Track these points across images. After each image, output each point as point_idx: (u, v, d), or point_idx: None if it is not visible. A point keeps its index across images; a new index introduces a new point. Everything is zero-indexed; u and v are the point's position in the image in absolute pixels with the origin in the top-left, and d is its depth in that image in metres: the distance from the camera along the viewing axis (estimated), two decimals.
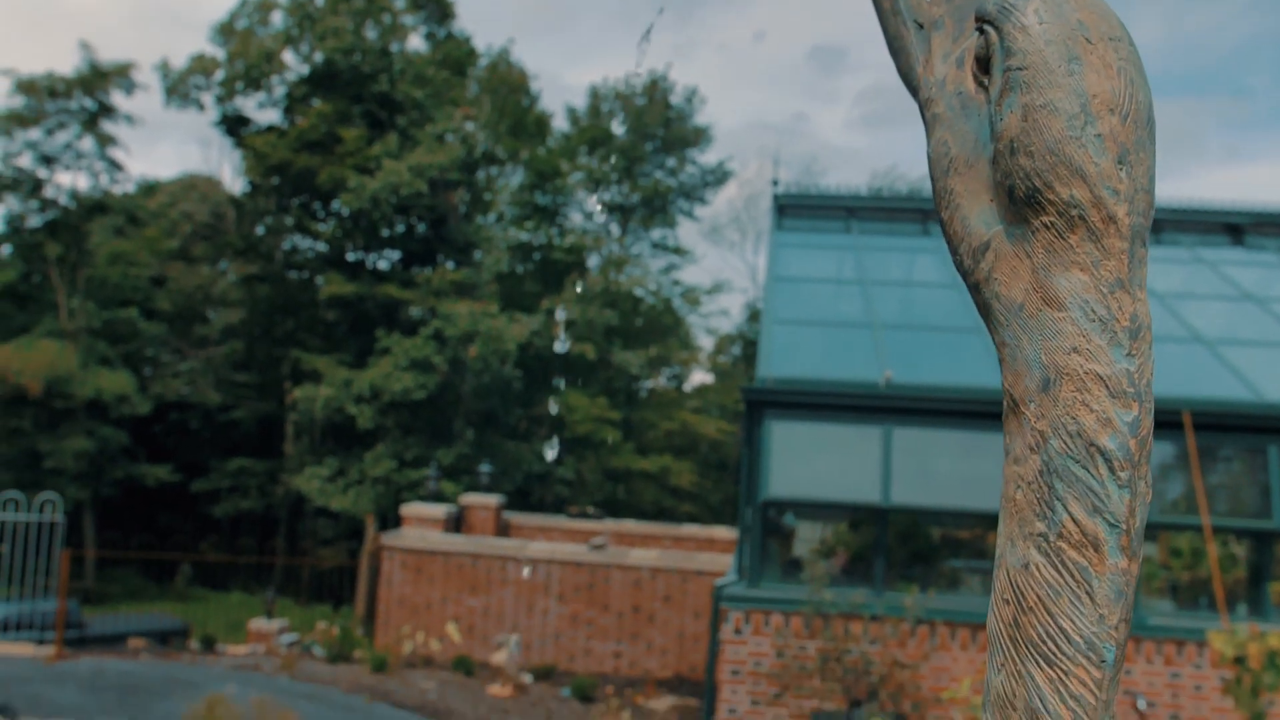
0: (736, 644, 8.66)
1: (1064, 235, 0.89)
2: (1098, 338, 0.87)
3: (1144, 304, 0.90)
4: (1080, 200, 0.88)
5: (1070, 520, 0.86)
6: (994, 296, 0.94)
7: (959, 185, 0.97)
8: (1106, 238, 0.88)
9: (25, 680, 8.80)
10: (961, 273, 0.99)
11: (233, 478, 28.19)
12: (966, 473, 9.11)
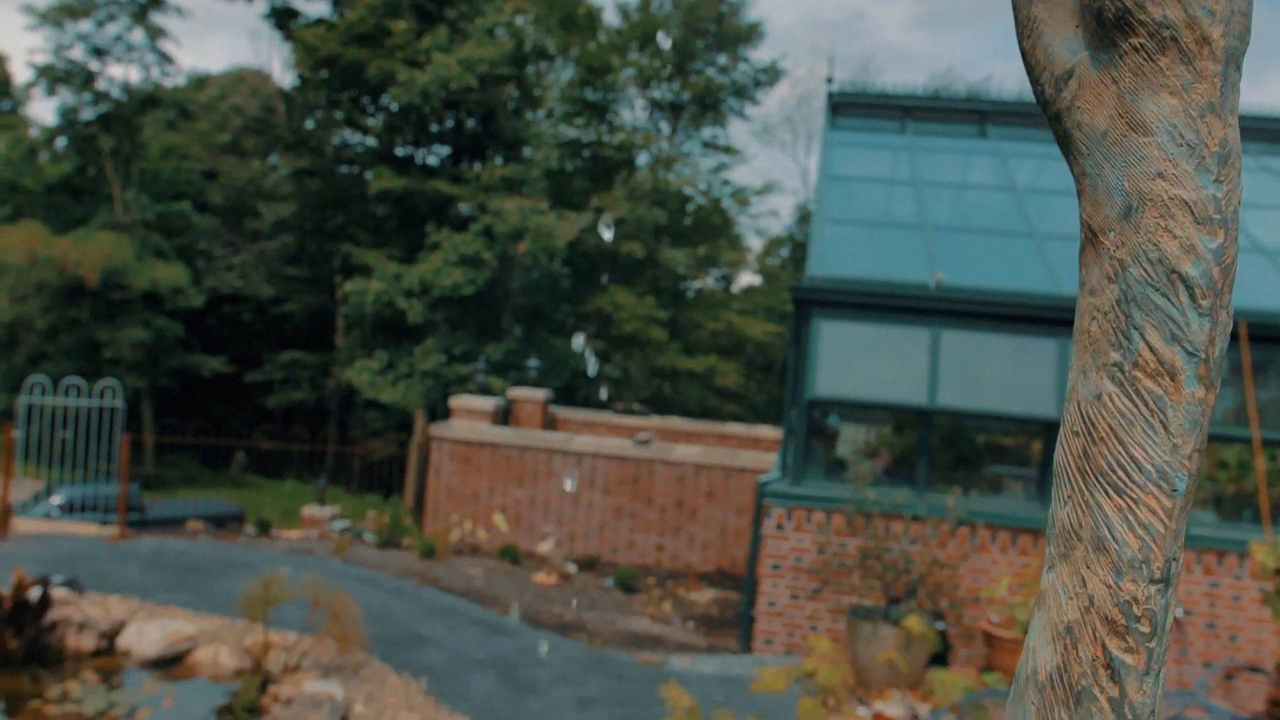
0: (778, 539, 8.76)
1: (1154, 58, 0.85)
2: (1185, 163, 0.84)
3: (1234, 130, 0.86)
4: (1173, 20, 0.84)
5: (1147, 349, 0.85)
6: (1075, 126, 0.90)
7: (1043, 12, 0.93)
8: (1199, 60, 0.84)
9: (91, 558, 9.14)
10: (1041, 103, 0.95)
11: (285, 370, 28.71)
12: (1013, 379, 9.02)
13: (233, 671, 6.87)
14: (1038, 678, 0.88)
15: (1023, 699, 0.90)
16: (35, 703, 6.20)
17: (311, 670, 6.52)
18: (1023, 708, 0.89)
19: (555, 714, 6.38)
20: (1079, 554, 0.86)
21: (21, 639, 6.84)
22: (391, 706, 6.13)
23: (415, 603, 8.64)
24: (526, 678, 7.00)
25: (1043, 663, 0.87)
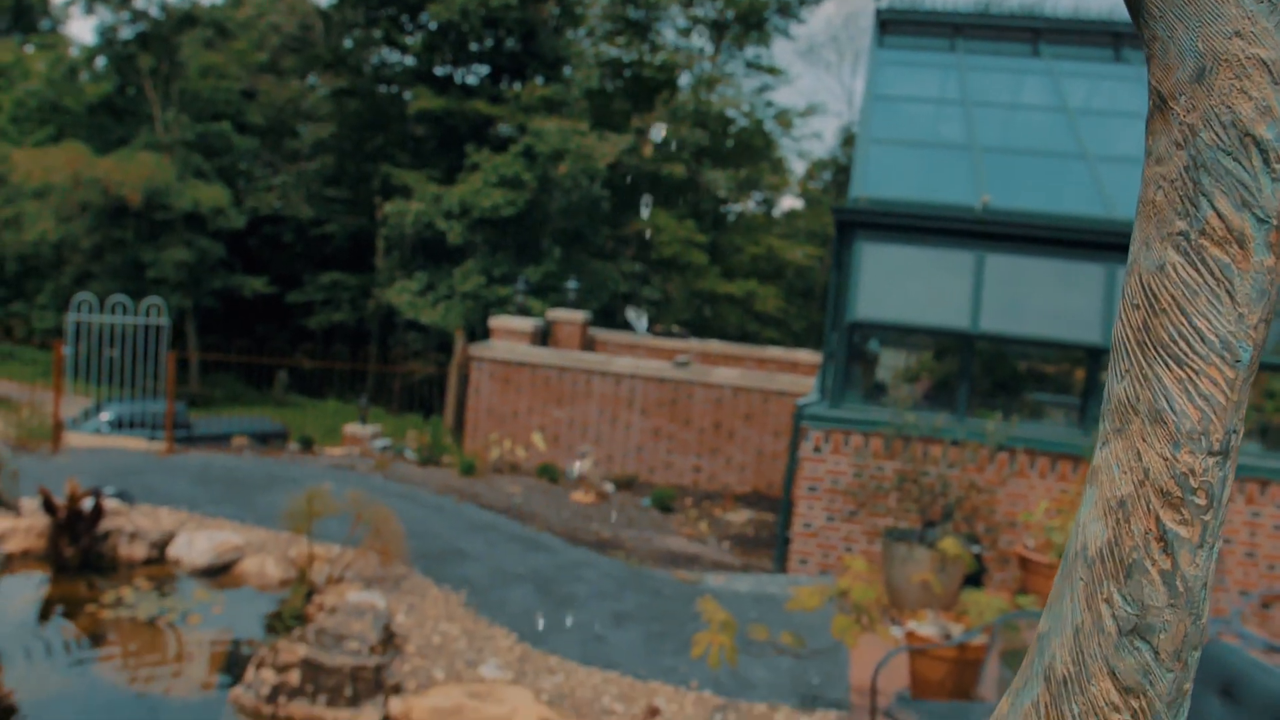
0: (815, 462, 8.77)
1: None
2: (1264, 20, 0.79)
3: None
4: None
5: (1215, 215, 0.81)
6: None
7: None
8: None
9: (140, 471, 9.35)
10: None
11: (326, 291, 28.93)
12: (1058, 304, 8.88)
13: (278, 581, 7.04)
14: (1087, 553, 0.86)
15: (1070, 575, 0.88)
16: (91, 607, 6.40)
17: (354, 582, 6.67)
18: (1070, 584, 0.88)
19: (592, 627, 6.49)
20: (1135, 428, 0.84)
21: (76, 547, 7.04)
22: (432, 617, 6.26)
23: (455, 518, 8.78)
24: (564, 592, 7.11)
25: (1092, 538, 0.86)
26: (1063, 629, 0.88)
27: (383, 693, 5.22)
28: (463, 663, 5.69)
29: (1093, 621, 0.85)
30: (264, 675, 5.24)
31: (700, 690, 5.70)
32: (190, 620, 6.37)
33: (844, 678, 6.19)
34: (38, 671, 5.52)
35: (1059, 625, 0.88)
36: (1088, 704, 0.84)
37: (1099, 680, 0.84)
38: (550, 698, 5.37)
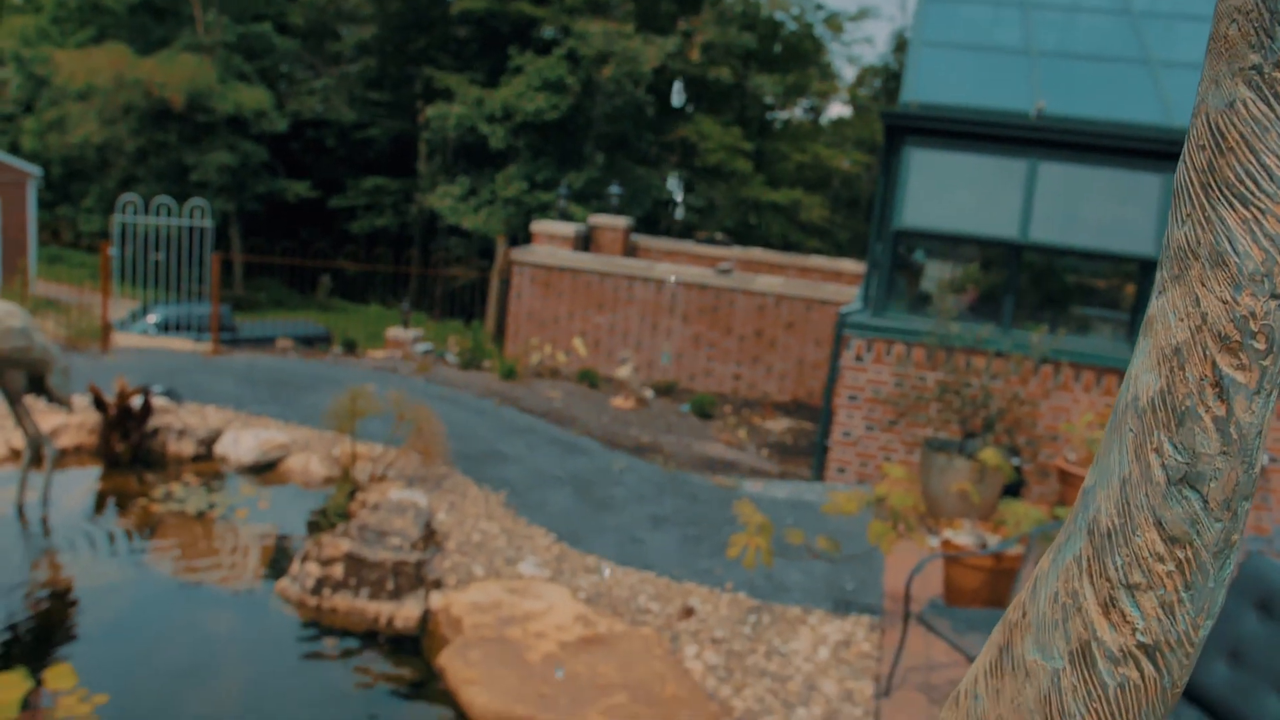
0: (856, 370, 8.72)
1: None
2: None
3: None
4: None
5: None
6: None
7: None
8: None
9: (187, 371, 9.50)
10: None
11: (368, 195, 28.93)
12: (1111, 216, 8.66)
13: (322, 479, 7.17)
14: (1138, 404, 0.83)
15: (1119, 427, 0.85)
16: (142, 501, 6.57)
17: (396, 480, 6.77)
18: (1119, 436, 0.85)
19: (630, 529, 6.57)
20: (1194, 273, 0.81)
21: (127, 443, 7.20)
22: (472, 516, 6.36)
23: (495, 421, 8.86)
24: (602, 495, 7.19)
25: (1144, 388, 0.83)
26: (1109, 481, 0.85)
27: (424, 587, 5.33)
28: (502, 560, 5.78)
29: (1140, 472, 0.82)
30: (309, 568, 5.36)
31: (735, 592, 5.76)
32: (237, 515, 6.52)
33: (878, 584, 6.24)
34: (93, 561, 5.70)
35: (1105, 478, 0.86)
36: (1131, 555, 0.82)
37: (1144, 531, 0.82)
38: (587, 596, 5.46)
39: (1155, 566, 0.81)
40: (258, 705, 4.58)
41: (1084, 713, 0.85)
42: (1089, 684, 0.85)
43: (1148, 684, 0.83)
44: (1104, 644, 0.84)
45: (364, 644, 5.03)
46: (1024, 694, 0.89)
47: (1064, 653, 0.87)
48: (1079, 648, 0.86)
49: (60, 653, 4.78)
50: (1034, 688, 0.89)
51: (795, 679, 4.90)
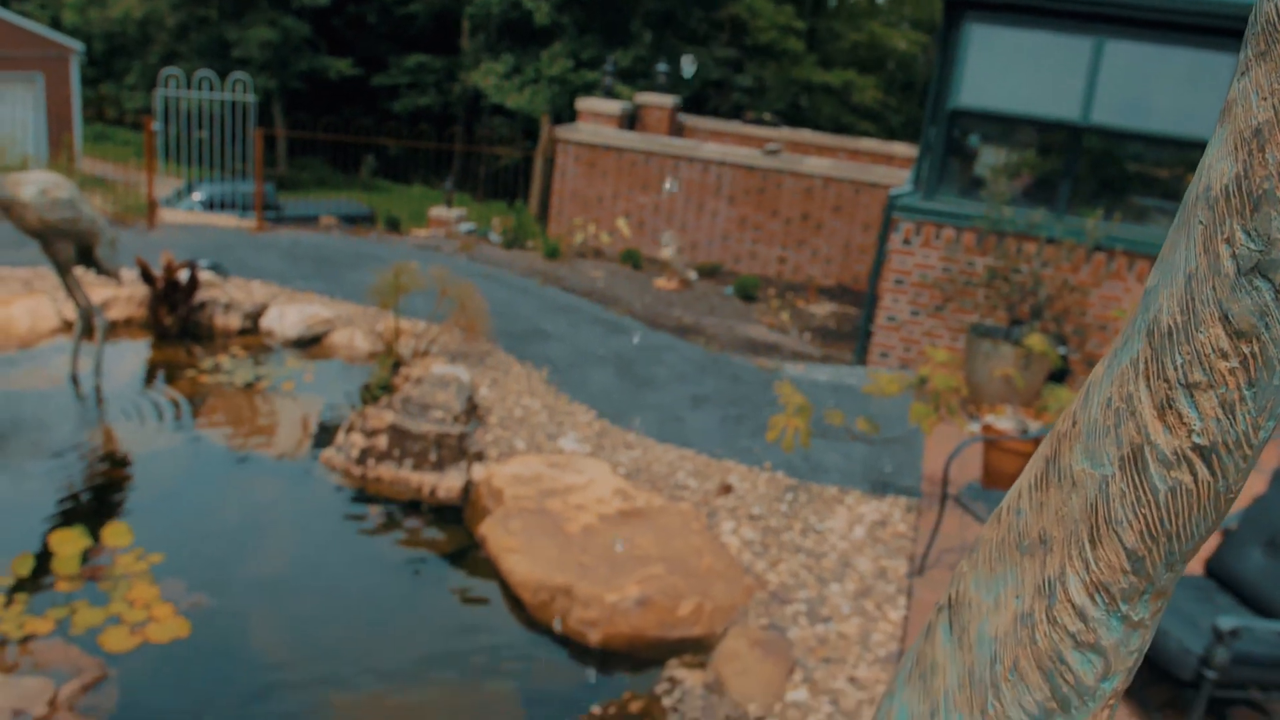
0: (904, 254, 8.58)
1: None
2: None
3: None
4: None
5: None
6: None
7: None
8: None
9: (232, 247, 9.55)
10: None
11: (411, 74, 28.55)
12: (1179, 100, 8.30)
13: (366, 354, 7.24)
14: (1210, 193, 0.78)
15: (1188, 221, 0.81)
16: (191, 373, 6.69)
17: (439, 356, 6.83)
18: (1186, 230, 0.81)
19: (670, 407, 6.60)
20: None
21: (174, 316, 7.30)
22: (514, 392, 6.41)
23: (538, 300, 8.86)
24: (644, 374, 7.20)
25: (1218, 177, 0.78)
26: (1172, 278, 0.81)
27: (466, 459, 5.41)
28: (543, 435, 5.85)
29: (1208, 264, 0.78)
30: (353, 439, 5.45)
31: (773, 471, 5.80)
32: (284, 387, 6.63)
33: (916, 466, 6.24)
34: (145, 430, 5.83)
35: (1168, 275, 0.82)
36: (1193, 353, 0.79)
37: (1209, 326, 0.78)
38: (627, 471, 5.52)
39: (1218, 364, 0.77)
40: (305, 567, 4.72)
41: (1131, 519, 0.83)
42: (1139, 489, 0.83)
43: (1200, 488, 0.81)
44: (1157, 447, 0.81)
45: (407, 512, 5.14)
46: (1069, 504, 0.87)
47: (1114, 459, 0.84)
48: (1130, 453, 0.83)
49: (116, 515, 4.94)
50: (1080, 497, 0.86)
51: (830, 556, 4.95)
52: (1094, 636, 0.87)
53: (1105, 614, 0.86)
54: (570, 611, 4.26)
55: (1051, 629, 0.88)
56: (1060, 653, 0.88)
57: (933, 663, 0.98)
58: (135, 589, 4.31)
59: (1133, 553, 0.84)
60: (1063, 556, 0.88)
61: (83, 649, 3.94)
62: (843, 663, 4.11)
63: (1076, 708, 0.89)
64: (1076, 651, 0.88)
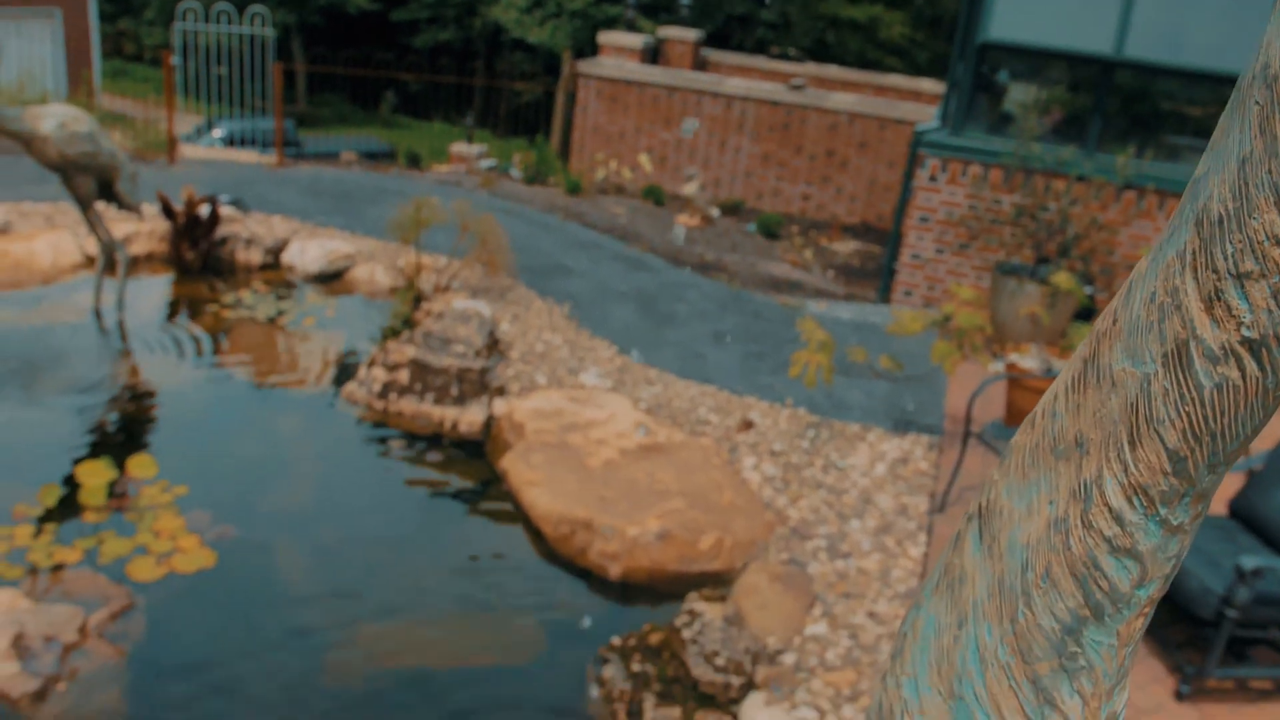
0: (929, 191, 8.46)
1: None
2: None
3: None
4: None
5: None
6: None
7: None
8: None
9: (252, 182, 9.52)
10: None
11: (431, 8, 28.18)
12: (1216, 34, 8.08)
13: (387, 289, 7.23)
14: (1268, 72, 0.74)
15: (1242, 104, 0.77)
16: (213, 308, 6.70)
17: (460, 291, 6.81)
18: (1241, 113, 0.77)
19: (691, 344, 6.57)
20: None
21: (196, 251, 7.29)
22: (536, 327, 6.39)
23: (559, 236, 8.81)
24: (665, 310, 7.17)
25: (1276, 55, 0.74)
26: (1225, 164, 0.78)
27: (487, 394, 5.41)
28: (565, 370, 5.84)
29: (1265, 147, 0.74)
30: (375, 373, 5.46)
31: (795, 408, 5.78)
32: (305, 322, 6.64)
33: (939, 405, 6.21)
34: (168, 364, 5.86)
35: (1220, 162, 0.79)
36: (1245, 241, 0.75)
37: (1263, 212, 0.74)
38: (648, 406, 5.52)
39: (1271, 251, 0.74)
40: (328, 500, 4.75)
41: (1174, 418, 0.80)
42: (1182, 387, 0.80)
43: (1248, 384, 0.78)
44: (1203, 342, 0.78)
45: (429, 446, 5.17)
46: (1108, 405, 0.84)
47: (1157, 356, 0.81)
48: (1174, 349, 0.80)
49: (140, 447, 4.98)
50: (1120, 397, 0.83)
51: (851, 492, 4.95)
52: (1130, 541, 0.84)
53: (1143, 518, 0.84)
54: (591, 545, 4.28)
55: (1086, 534, 0.86)
56: (1095, 558, 0.86)
57: (961, 573, 0.96)
58: (161, 520, 4.36)
59: (1174, 453, 0.81)
60: (1100, 459, 0.85)
61: (110, 578, 4.00)
62: (862, 598, 4.12)
63: (1110, 615, 0.87)
64: (1112, 557, 0.86)
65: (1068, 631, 0.88)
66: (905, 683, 0.99)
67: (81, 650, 3.63)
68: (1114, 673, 0.89)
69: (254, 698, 3.51)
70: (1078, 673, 0.89)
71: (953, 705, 0.94)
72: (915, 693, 0.98)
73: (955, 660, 0.94)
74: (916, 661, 0.98)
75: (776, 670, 3.65)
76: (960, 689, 0.93)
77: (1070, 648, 0.88)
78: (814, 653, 3.77)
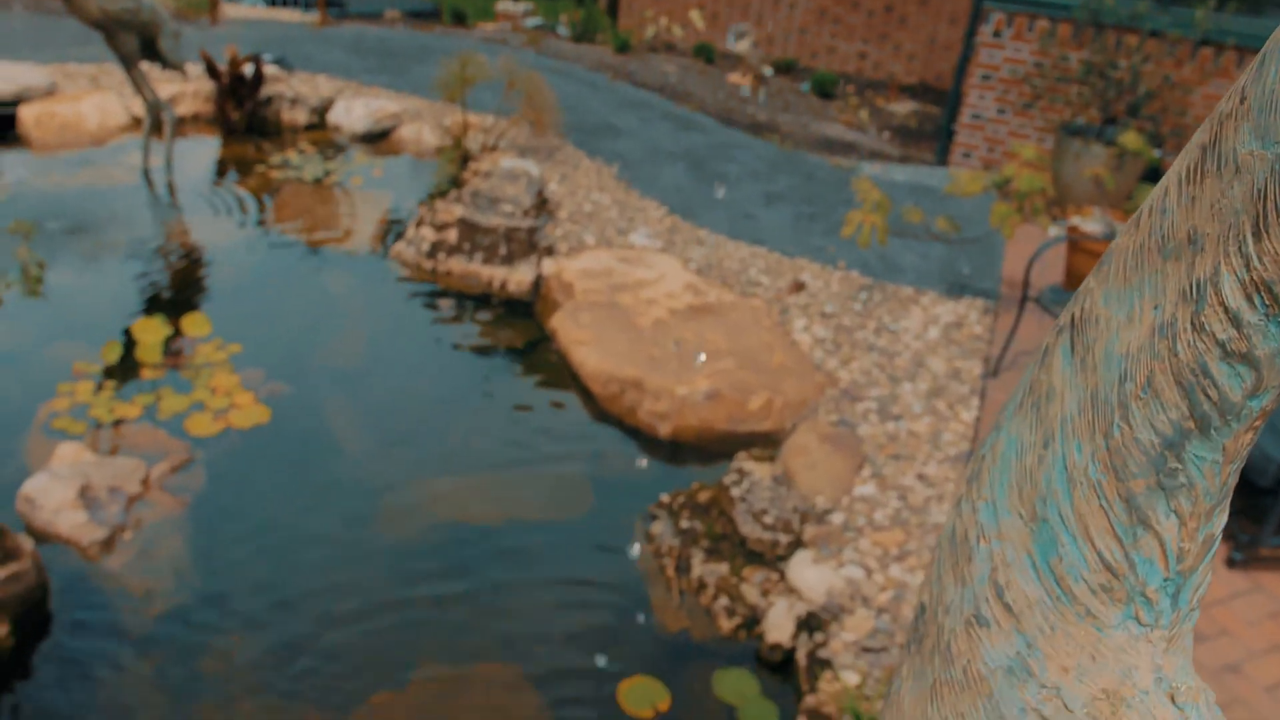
0: (993, 47, 8.11)
1: None
2: None
3: None
4: None
5: None
6: None
7: None
8: None
9: (295, 42, 9.36)
10: None
11: None
12: None
13: (434, 149, 7.14)
14: None
15: None
16: (260, 168, 6.66)
17: (508, 150, 6.70)
18: None
19: (742, 205, 6.44)
20: None
21: (241, 111, 7.22)
22: (584, 187, 6.29)
23: (608, 95, 8.60)
24: (715, 171, 7.02)
25: None
26: None
27: (536, 254, 5.37)
28: (613, 230, 5.76)
29: None
30: (423, 233, 5.43)
31: (847, 270, 5.67)
32: (353, 182, 6.59)
33: (995, 268, 6.07)
34: (217, 225, 5.87)
35: None
36: None
37: None
38: (698, 267, 5.44)
39: None
40: (378, 358, 4.78)
41: None
42: None
43: None
44: None
45: (477, 306, 5.16)
46: (1229, 194, 0.76)
47: None
48: None
49: (193, 306, 5.02)
50: (1245, 184, 0.75)
51: (903, 355, 4.88)
52: (1246, 345, 0.76)
53: (1263, 319, 0.75)
54: (641, 404, 4.28)
55: (1197, 338, 0.78)
56: (1205, 365, 0.78)
57: (1049, 389, 0.88)
58: (216, 377, 4.42)
59: None
60: (1217, 255, 0.77)
61: (169, 433, 4.08)
62: (912, 460, 4.10)
63: (1217, 428, 0.80)
64: (1224, 363, 0.78)
65: (1168, 446, 0.81)
66: (982, 507, 0.93)
67: (145, 501, 3.73)
68: (1216, 491, 0.81)
69: (310, 546, 3.60)
70: (1176, 491, 0.82)
71: (1034, 528, 0.88)
72: (993, 517, 0.92)
73: (1039, 481, 0.88)
74: (995, 485, 0.92)
75: (824, 529, 3.67)
76: (1044, 510, 0.87)
77: (1170, 464, 0.81)
78: (862, 513, 3.78)
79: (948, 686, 0.90)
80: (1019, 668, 0.86)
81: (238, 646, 3.20)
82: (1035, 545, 0.87)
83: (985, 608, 0.89)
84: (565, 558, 3.63)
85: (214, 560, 3.53)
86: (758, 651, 3.32)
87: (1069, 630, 0.85)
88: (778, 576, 3.50)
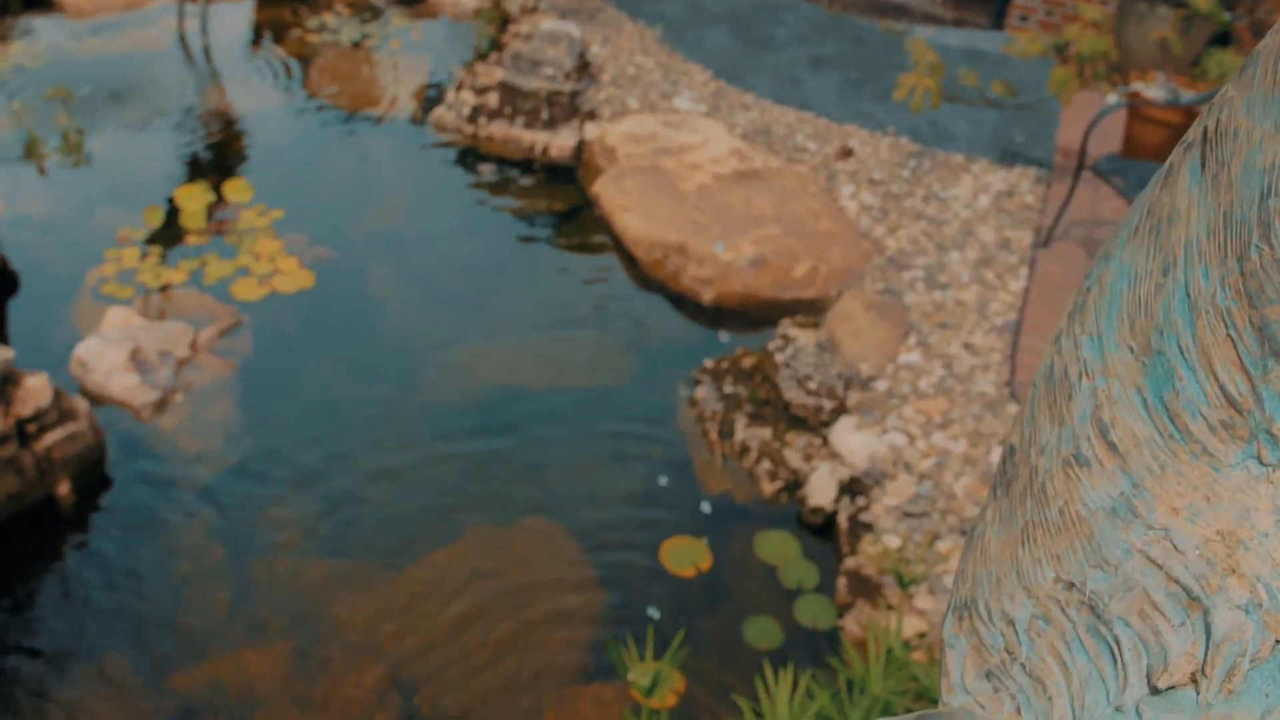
0: None
1: None
2: None
3: None
4: None
5: None
6: None
7: None
8: None
9: None
10: None
11: None
12: None
13: (473, 11, 6.95)
14: None
15: None
16: (297, 32, 6.54)
17: (548, 12, 6.51)
18: None
19: (789, 69, 6.25)
20: None
21: None
22: (627, 50, 6.13)
23: None
24: (761, 34, 6.80)
25: None
26: None
27: (578, 118, 5.26)
28: (657, 94, 5.63)
29: None
30: (463, 97, 5.33)
31: (896, 136, 5.52)
32: (391, 45, 6.46)
33: (1050, 137, 5.88)
34: (255, 89, 5.79)
35: None
36: None
37: None
38: (744, 132, 5.32)
39: None
40: (421, 223, 4.76)
41: None
42: None
43: None
44: None
45: (520, 171, 5.09)
46: None
47: None
48: None
49: (234, 172, 5.00)
50: None
51: (952, 224, 4.78)
52: None
53: None
54: (684, 269, 4.24)
55: None
56: None
57: (1171, 211, 0.80)
58: (260, 243, 4.42)
59: None
60: None
61: (216, 298, 4.11)
62: (958, 329, 4.05)
63: None
64: None
65: None
66: (1085, 342, 0.87)
67: (194, 364, 3.78)
68: None
69: (357, 406, 3.65)
70: None
71: (1147, 361, 0.81)
72: (1099, 352, 0.86)
73: (1156, 311, 0.81)
74: (1102, 317, 0.85)
75: (868, 396, 3.65)
76: (1159, 342, 0.80)
77: None
78: (906, 380, 3.75)
79: (1041, 529, 0.86)
80: (1123, 509, 0.82)
81: (290, 498, 3.28)
82: (1147, 380, 0.81)
83: (1086, 446, 0.84)
84: (608, 420, 3.66)
85: (264, 420, 3.59)
86: (799, 514, 3.35)
87: (1181, 470, 0.80)
88: (820, 441, 3.51)
